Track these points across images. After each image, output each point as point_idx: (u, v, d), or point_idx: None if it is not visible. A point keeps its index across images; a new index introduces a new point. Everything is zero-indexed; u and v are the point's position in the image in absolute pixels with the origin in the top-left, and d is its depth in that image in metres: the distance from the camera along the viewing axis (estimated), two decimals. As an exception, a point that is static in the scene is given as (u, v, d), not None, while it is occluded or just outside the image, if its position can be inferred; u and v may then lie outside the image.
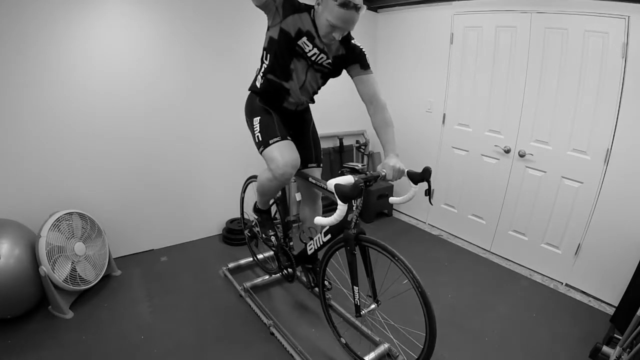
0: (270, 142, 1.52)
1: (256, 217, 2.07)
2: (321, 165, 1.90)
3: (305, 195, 1.99)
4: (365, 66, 1.54)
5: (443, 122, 3.14)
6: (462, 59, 2.90)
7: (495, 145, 2.78)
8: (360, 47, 1.55)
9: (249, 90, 1.72)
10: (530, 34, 2.45)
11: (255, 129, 1.59)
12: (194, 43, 2.54)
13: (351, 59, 1.54)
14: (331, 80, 1.69)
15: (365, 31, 3.44)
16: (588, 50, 2.20)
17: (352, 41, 1.54)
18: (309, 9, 1.43)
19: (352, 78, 1.57)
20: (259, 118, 1.59)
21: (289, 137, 1.59)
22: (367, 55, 1.55)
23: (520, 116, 2.59)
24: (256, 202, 2.01)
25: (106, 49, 2.22)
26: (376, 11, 3.47)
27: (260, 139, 1.55)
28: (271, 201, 1.97)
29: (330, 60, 1.53)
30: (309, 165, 1.83)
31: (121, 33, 2.26)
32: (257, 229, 2.11)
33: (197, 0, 2.49)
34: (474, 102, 2.88)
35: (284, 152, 1.51)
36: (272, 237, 2.00)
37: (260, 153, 1.59)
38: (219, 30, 2.63)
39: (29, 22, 1.96)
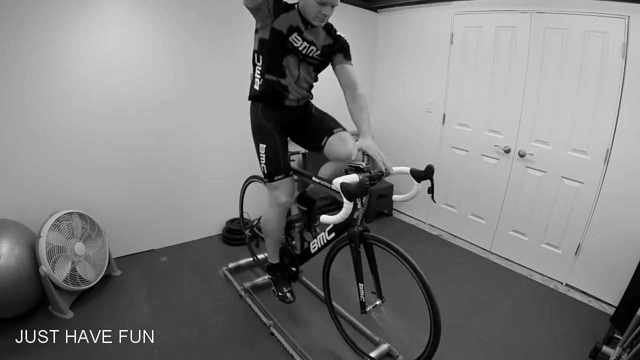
0: (276, 178, 1.68)
1: (269, 277, 2.02)
2: (345, 128, 1.79)
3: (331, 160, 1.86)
4: (348, 56, 1.64)
5: (443, 122, 3.14)
6: (462, 59, 2.90)
7: (495, 145, 2.78)
8: (345, 38, 1.65)
9: (249, 99, 1.71)
10: (530, 34, 2.45)
11: (261, 159, 1.68)
12: (195, 43, 2.54)
13: (336, 48, 1.63)
14: (333, 79, 1.69)
15: (365, 31, 3.43)
16: (588, 50, 2.20)
17: (337, 32, 1.64)
18: (293, 6, 1.52)
19: (334, 67, 1.65)
20: (265, 147, 1.65)
21: (291, 173, 1.72)
22: (350, 48, 1.64)
23: (520, 116, 2.59)
24: (266, 258, 1.98)
25: (106, 48, 2.22)
26: (376, 11, 3.46)
27: (267, 172, 1.68)
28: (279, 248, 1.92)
29: (319, 52, 1.61)
30: (335, 130, 1.73)
31: (121, 32, 2.26)
32: (272, 287, 2.01)
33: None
34: (474, 102, 2.87)
35: (283, 189, 1.69)
36: (287, 293, 1.91)
37: (265, 183, 1.76)
38: (221, 30, 2.62)
39: (29, 22, 1.96)
